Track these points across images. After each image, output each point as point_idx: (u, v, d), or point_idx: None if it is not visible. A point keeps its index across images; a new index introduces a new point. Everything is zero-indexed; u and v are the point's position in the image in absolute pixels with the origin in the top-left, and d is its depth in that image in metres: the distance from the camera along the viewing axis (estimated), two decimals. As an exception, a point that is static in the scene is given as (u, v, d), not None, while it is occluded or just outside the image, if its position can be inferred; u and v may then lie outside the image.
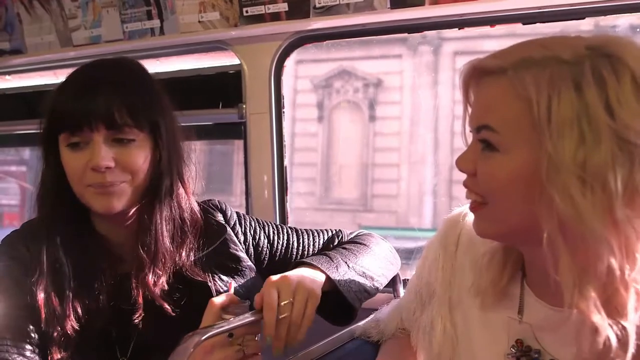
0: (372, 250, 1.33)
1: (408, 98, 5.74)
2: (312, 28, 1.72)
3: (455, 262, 1.03)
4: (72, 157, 1.09)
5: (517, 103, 0.78)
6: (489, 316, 0.95)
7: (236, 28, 1.74)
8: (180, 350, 0.93)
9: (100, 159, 1.06)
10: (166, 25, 1.84)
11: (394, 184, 6.08)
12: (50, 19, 2.03)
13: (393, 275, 1.41)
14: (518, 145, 0.79)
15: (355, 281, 1.21)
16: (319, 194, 6.15)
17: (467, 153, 0.87)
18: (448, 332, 1.01)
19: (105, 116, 1.07)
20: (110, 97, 1.07)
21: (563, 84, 0.75)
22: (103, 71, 1.15)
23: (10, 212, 4.78)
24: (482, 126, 0.82)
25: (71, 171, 1.10)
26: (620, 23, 1.56)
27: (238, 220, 1.33)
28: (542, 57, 0.77)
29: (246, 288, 1.22)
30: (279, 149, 1.86)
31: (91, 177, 1.08)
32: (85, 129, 1.07)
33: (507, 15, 1.52)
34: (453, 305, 1.02)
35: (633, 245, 0.75)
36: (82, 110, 1.06)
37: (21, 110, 2.49)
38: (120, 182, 1.09)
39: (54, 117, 1.10)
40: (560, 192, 0.74)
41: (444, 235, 1.06)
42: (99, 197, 1.09)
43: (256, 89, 1.84)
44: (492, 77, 0.82)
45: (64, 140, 1.10)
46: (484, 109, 0.83)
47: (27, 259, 1.11)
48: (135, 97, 1.11)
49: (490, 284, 0.94)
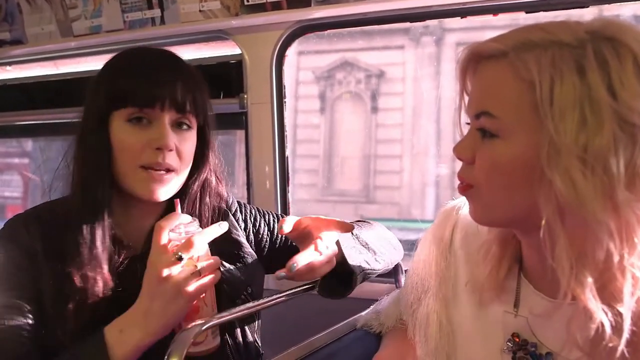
0: (375, 228, 1.34)
1: (410, 89, 5.71)
2: (313, 17, 1.71)
3: (449, 256, 1.03)
4: (133, 133, 1.08)
5: (518, 85, 0.77)
6: (485, 311, 0.95)
7: (237, 17, 1.73)
8: (181, 338, 0.93)
9: (169, 139, 1.08)
10: (167, 14, 1.83)
11: (397, 175, 6.06)
12: (50, 9, 2.03)
13: (395, 260, 1.41)
14: (518, 130, 0.78)
15: (357, 247, 1.20)
16: (321, 185, 6.14)
17: (465, 140, 0.86)
18: (444, 327, 1.00)
19: (177, 99, 1.09)
20: (181, 81, 1.10)
21: (565, 66, 0.74)
22: (161, 55, 1.16)
23: (13, 204, 4.78)
24: (482, 112, 0.81)
25: (128, 147, 1.09)
26: (623, 12, 1.55)
27: (239, 207, 1.34)
28: (543, 40, 0.77)
29: (246, 274, 1.22)
30: (281, 139, 1.86)
31: (150, 155, 1.08)
32: (156, 107, 1.08)
33: (510, 4, 1.51)
34: (448, 300, 1.01)
35: (632, 229, 0.74)
36: (156, 88, 1.08)
37: (22, 100, 2.49)
38: (171, 168, 1.10)
39: (116, 92, 1.08)
40: (561, 175, 0.74)
41: (437, 230, 1.05)
42: (148, 182, 1.10)
43: (257, 79, 1.83)
44: (492, 61, 0.81)
45: (123, 116, 1.08)
46: (483, 94, 0.83)
47: (29, 242, 1.10)
48: (196, 86, 1.14)
49: (487, 278, 0.93)
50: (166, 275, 0.97)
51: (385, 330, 1.21)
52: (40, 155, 3.80)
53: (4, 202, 4.70)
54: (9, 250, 1.11)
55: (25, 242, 1.10)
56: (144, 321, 0.99)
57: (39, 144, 3.80)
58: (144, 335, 0.98)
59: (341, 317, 1.29)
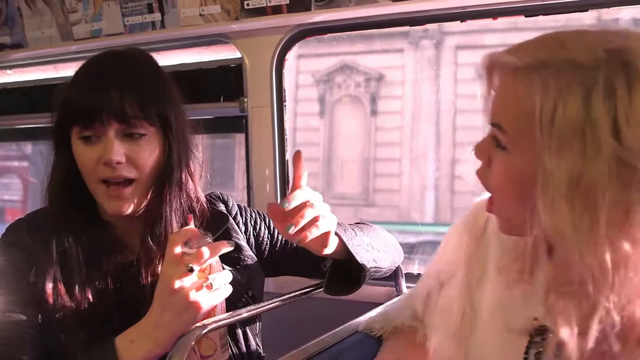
0: (375, 230, 1.35)
1: (410, 92, 5.72)
2: (313, 21, 1.71)
3: (480, 245, 1.02)
4: (84, 151, 1.09)
5: (526, 106, 0.76)
6: (509, 293, 0.94)
7: (237, 21, 1.74)
8: (182, 342, 0.93)
9: (113, 154, 1.07)
10: (167, 18, 1.83)
11: (396, 178, 6.07)
12: (50, 12, 2.03)
13: (397, 261, 1.42)
14: (522, 148, 0.78)
15: (363, 246, 1.21)
16: (321, 188, 6.15)
17: (483, 143, 0.86)
18: (467, 314, 1.00)
19: (117, 111, 1.07)
20: (121, 90, 1.07)
21: (572, 92, 0.72)
22: (113, 63, 1.15)
23: (12, 207, 4.78)
24: (495, 124, 0.82)
25: (83, 165, 1.10)
26: (623, 16, 1.55)
27: (239, 211, 1.34)
28: (556, 59, 0.75)
29: (247, 277, 1.23)
30: (281, 142, 1.86)
31: (102, 171, 1.09)
32: (97, 123, 1.07)
33: (509, 8, 1.51)
34: (473, 286, 1.01)
35: (615, 267, 0.72)
36: (94, 104, 1.06)
37: (22, 104, 2.49)
38: (128, 178, 1.10)
39: (66, 110, 1.10)
40: (547, 206, 0.73)
41: (471, 219, 1.05)
42: (109, 200, 1.11)
43: (257, 83, 1.83)
44: (509, 74, 0.80)
45: (76, 134, 1.10)
46: (498, 106, 0.83)
47: (30, 247, 1.11)
48: (146, 91, 1.11)
49: (516, 264, 0.93)
50: (178, 287, 0.98)
51: (387, 333, 1.21)
52: (40, 159, 3.80)
53: (4, 206, 4.70)
54: (11, 255, 1.11)
55: (27, 247, 1.11)
56: (154, 332, 0.99)
57: (39, 147, 3.80)
58: (154, 346, 0.99)
59: (341, 320, 1.29)
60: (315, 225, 1.02)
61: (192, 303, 0.98)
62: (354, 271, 1.19)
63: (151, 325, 0.99)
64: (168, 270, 0.99)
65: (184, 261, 0.99)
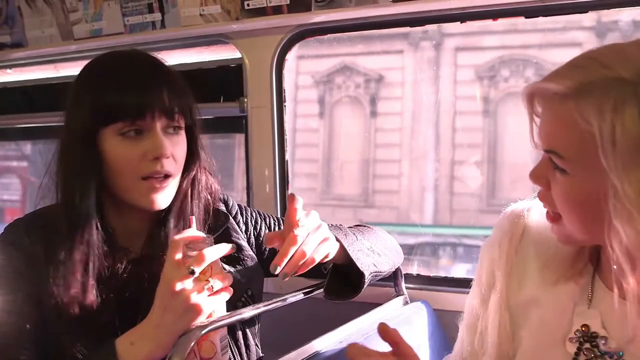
0: (376, 232, 1.35)
1: (409, 94, 5.73)
2: (313, 21, 1.71)
3: (517, 253, 1.01)
4: (127, 146, 1.08)
5: (580, 132, 0.76)
6: (556, 297, 0.94)
7: (237, 21, 1.74)
8: (181, 343, 0.93)
9: (166, 149, 1.08)
10: (167, 18, 1.83)
11: (395, 179, 6.08)
12: (51, 12, 2.03)
13: (398, 263, 1.42)
14: (585, 171, 0.79)
15: (364, 250, 1.21)
16: (320, 189, 6.16)
17: (538, 168, 0.87)
18: (506, 329, 1.00)
19: (166, 106, 1.09)
20: (166, 88, 1.10)
21: (627, 108, 0.72)
22: (143, 62, 1.15)
23: (12, 207, 4.78)
24: (549, 150, 0.82)
25: (126, 161, 1.09)
26: (622, 18, 1.56)
27: (240, 210, 1.35)
28: (602, 80, 0.75)
29: (247, 277, 1.23)
30: (280, 142, 1.86)
31: (147, 166, 1.09)
32: (147, 117, 1.07)
33: (509, 9, 1.51)
34: (511, 296, 1.00)
35: None
36: (144, 99, 1.07)
37: (22, 104, 2.49)
38: (170, 174, 1.11)
39: (103, 108, 1.08)
40: (625, 225, 0.74)
41: (509, 229, 1.03)
42: (150, 193, 1.10)
43: (257, 83, 1.83)
44: (554, 102, 0.80)
45: (114, 131, 1.08)
46: (549, 134, 0.83)
47: (28, 247, 1.10)
48: (179, 88, 1.13)
49: (562, 265, 0.94)
50: (179, 290, 0.97)
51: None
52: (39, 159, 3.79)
53: (3, 205, 4.70)
54: (10, 255, 1.11)
55: (26, 247, 1.10)
56: (154, 334, 0.99)
57: (38, 147, 3.80)
58: (155, 347, 0.98)
59: (341, 320, 1.29)
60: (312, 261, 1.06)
61: (193, 305, 0.98)
62: (354, 275, 1.19)
63: (152, 326, 0.99)
64: (169, 272, 0.99)
65: (186, 263, 0.99)
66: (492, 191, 5.39)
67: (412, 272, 1.70)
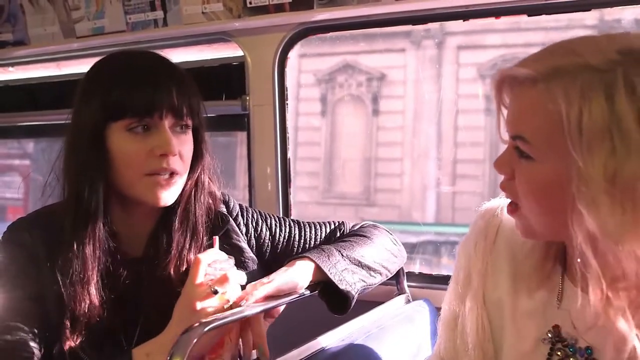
0: (372, 241, 1.34)
1: (411, 92, 5.72)
2: (316, 19, 1.71)
3: (492, 252, 1.02)
4: (134, 142, 1.09)
5: (548, 115, 0.77)
6: (527, 302, 0.95)
7: (240, 19, 1.74)
8: (183, 339, 0.93)
9: (173, 146, 1.09)
10: (169, 16, 1.84)
11: (397, 178, 6.07)
12: (53, 10, 2.03)
13: (397, 267, 1.41)
14: (550, 156, 0.79)
15: (349, 269, 1.22)
16: (322, 188, 6.14)
17: (504, 156, 0.88)
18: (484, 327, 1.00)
19: (174, 105, 1.10)
20: (174, 87, 1.10)
21: (594, 95, 0.73)
22: (153, 61, 1.16)
23: (14, 205, 4.78)
24: (517, 136, 0.83)
25: (132, 157, 1.09)
26: (625, 16, 1.55)
27: (240, 212, 1.34)
28: (572, 65, 0.76)
29: (248, 279, 1.22)
30: (282, 140, 1.86)
31: (153, 162, 1.09)
32: (155, 114, 1.08)
33: (512, 7, 1.51)
34: (487, 294, 1.01)
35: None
36: (153, 96, 1.08)
37: (24, 102, 2.49)
38: (176, 171, 1.12)
39: (112, 103, 1.08)
40: (589, 208, 0.74)
41: (484, 226, 1.04)
42: (155, 188, 1.11)
43: (260, 81, 1.83)
44: (525, 86, 0.81)
45: (122, 126, 1.09)
46: (517, 119, 0.84)
47: (31, 246, 1.11)
48: (188, 87, 1.14)
49: (532, 270, 0.94)
50: (200, 308, 1.00)
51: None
52: (42, 157, 3.80)
53: (5, 204, 4.70)
54: (13, 254, 1.11)
55: (29, 246, 1.11)
56: (170, 347, 1.00)
57: (41, 145, 3.80)
58: None
59: (343, 319, 1.28)
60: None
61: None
62: (343, 292, 1.20)
63: (169, 340, 0.99)
64: (191, 290, 1.01)
65: (209, 283, 1.01)
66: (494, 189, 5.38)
67: (414, 271, 1.70)
